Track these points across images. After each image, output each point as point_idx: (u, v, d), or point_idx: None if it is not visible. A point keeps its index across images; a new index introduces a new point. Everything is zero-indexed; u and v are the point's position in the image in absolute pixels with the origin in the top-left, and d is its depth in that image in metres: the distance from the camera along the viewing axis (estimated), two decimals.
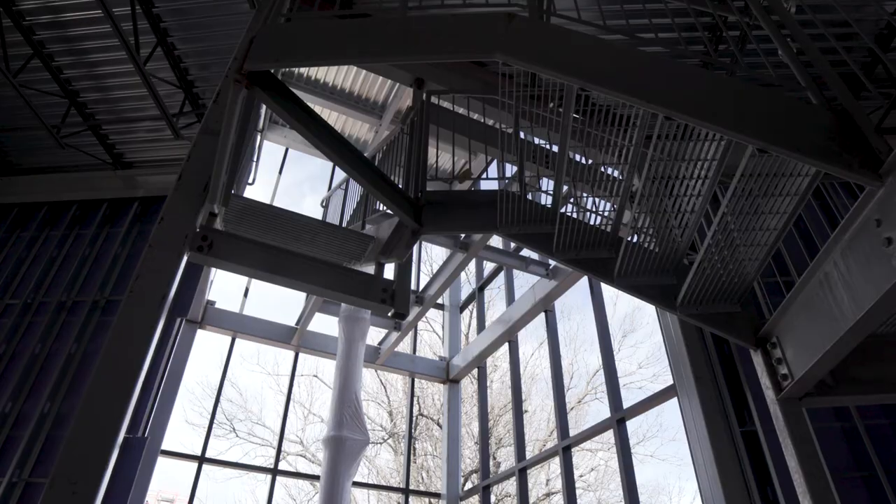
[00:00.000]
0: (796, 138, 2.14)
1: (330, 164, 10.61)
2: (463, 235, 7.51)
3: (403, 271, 3.65)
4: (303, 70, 8.02)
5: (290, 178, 34.59)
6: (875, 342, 3.07)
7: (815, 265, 2.51)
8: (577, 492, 7.45)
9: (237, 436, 18.72)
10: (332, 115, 9.45)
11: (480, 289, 10.18)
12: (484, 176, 7.98)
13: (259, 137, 8.52)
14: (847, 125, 2.16)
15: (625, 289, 3.79)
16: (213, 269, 7.61)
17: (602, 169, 3.37)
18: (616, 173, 3.39)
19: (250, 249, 3.20)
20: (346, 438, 6.74)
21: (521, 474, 7.65)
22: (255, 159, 7.90)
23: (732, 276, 3.24)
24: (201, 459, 7.52)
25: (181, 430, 19.30)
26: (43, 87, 6.18)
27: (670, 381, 5.37)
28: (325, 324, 14.12)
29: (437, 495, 9.84)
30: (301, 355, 8.99)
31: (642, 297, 3.80)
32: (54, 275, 6.05)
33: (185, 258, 4.09)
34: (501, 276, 9.44)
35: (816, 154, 2.10)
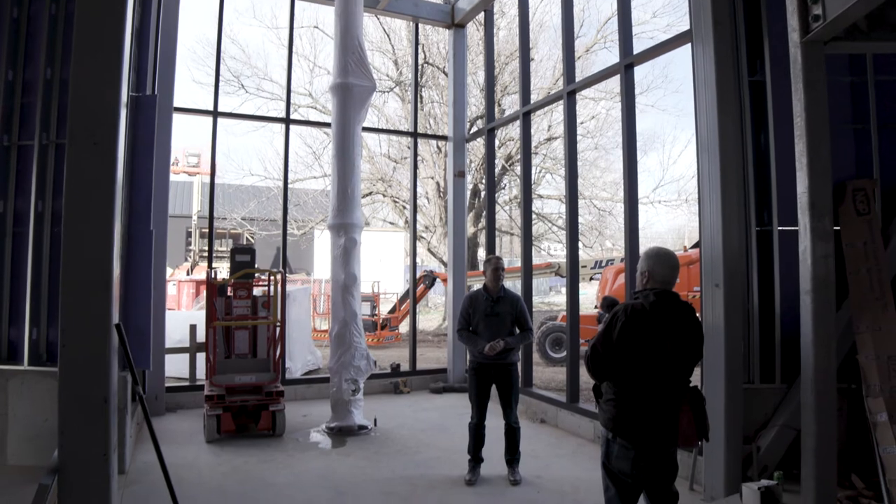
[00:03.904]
0: None
1: None
2: None
3: None
4: None
5: None
6: None
7: None
8: (577, 137, 7.80)
9: (247, 91, 19.01)
10: None
11: None
12: None
13: None
14: None
15: None
16: None
17: None
18: None
19: None
20: (352, 85, 6.74)
21: (525, 118, 7.88)
22: None
23: None
24: (215, 114, 7.73)
25: (192, 91, 19.42)
26: None
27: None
28: None
29: (444, 138, 10.35)
30: (298, 4, 8.43)
31: None
32: None
33: None
34: None
35: None
